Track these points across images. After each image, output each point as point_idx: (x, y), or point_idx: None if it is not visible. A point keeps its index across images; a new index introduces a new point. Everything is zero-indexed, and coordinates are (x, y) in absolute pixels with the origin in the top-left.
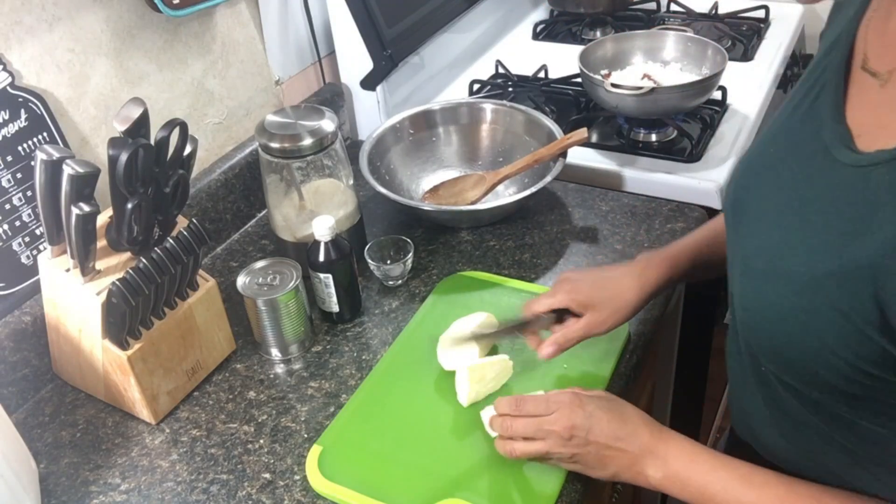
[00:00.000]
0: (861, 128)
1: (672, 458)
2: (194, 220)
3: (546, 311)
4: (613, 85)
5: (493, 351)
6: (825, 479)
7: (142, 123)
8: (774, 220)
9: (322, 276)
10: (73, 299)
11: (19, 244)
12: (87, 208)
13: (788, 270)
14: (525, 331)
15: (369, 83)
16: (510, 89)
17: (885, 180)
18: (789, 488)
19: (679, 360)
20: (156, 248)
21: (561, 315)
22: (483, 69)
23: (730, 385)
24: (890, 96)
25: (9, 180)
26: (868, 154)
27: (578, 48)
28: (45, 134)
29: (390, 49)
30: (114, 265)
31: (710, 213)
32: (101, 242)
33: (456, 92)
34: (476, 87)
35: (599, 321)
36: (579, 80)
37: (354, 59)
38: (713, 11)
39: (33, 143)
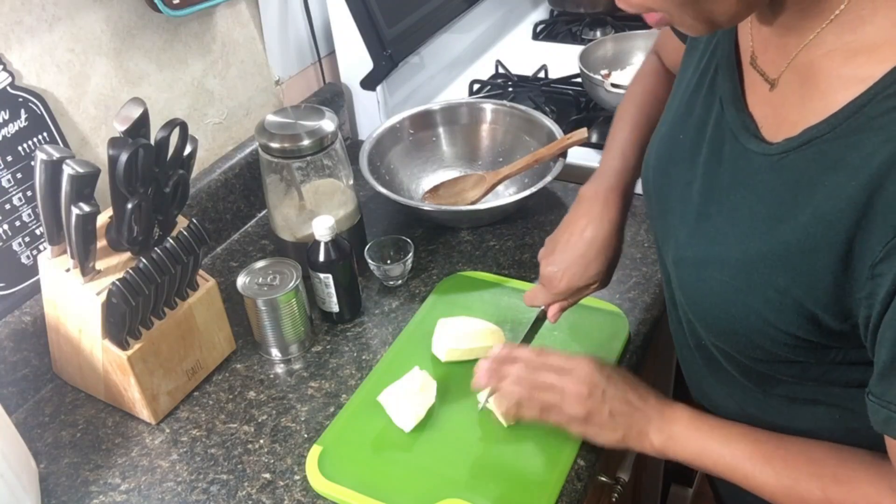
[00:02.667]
0: (762, 118)
1: (675, 422)
2: (194, 220)
3: (549, 303)
4: (613, 85)
5: None
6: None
7: (142, 123)
8: (699, 209)
9: (322, 276)
10: (73, 299)
11: (19, 244)
12: (87, 208)
13: (721, 256)
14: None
15: (369, 83)
16: (510, 89)
17: (795, 167)
18: (779, 441)
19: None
20: (156, 248)
21: None
22: (483, 69)
23: (678, 355)
24: (781, 97)
25: (9, 180)
26: (776, 144)
27: (578, 48)
28: (45, 134)
29: (390, 49)
30: (114, 265)
31: None
32: (101, 242)
33: (456, 92)
34: (476, 87)
35: (600, 286)
36: (579, 80)
37: (354, 59)
38: None
39: (33, 143)
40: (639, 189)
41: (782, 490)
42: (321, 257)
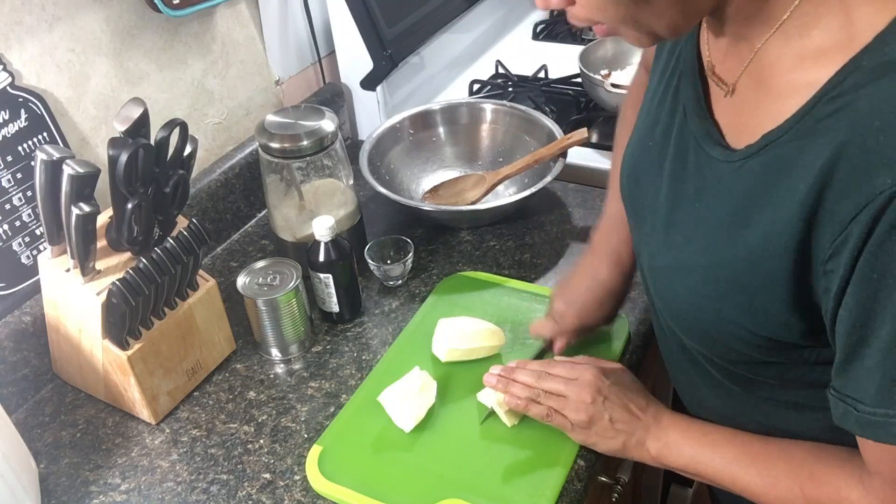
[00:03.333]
0: (725, 126)
1: (671, 428)
2: (194, 220)
3: (554, 336)
4: (613, 85)
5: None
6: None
7: (142, 123)
8: (668, 218)
9: (322, 276)
10: (73, 299)
11: (19, 244)
12: (87, 208)
13: (690, 264)
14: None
15: (369, 83)
16: (510, 89)
17: (755, 172)
18: (763, 444)
19: None
20: (156, 248)
21: None
22: (483, 69)
23: (665, 360)
24: (739, 103)
25: (9, 180)
26: (738, 151)
27: (578, 48)
28: (45, 134)
29: (390, 49)
30: (114, 265)
31: None
32: (101, 242)
33: (456, 92)
34: (476, 87)
35: (611, 322)
36: (579, 80)
37: (354, 59)
38: None
39: (33, 143)
40: None
41: (764, 490)
42: (321, 257)
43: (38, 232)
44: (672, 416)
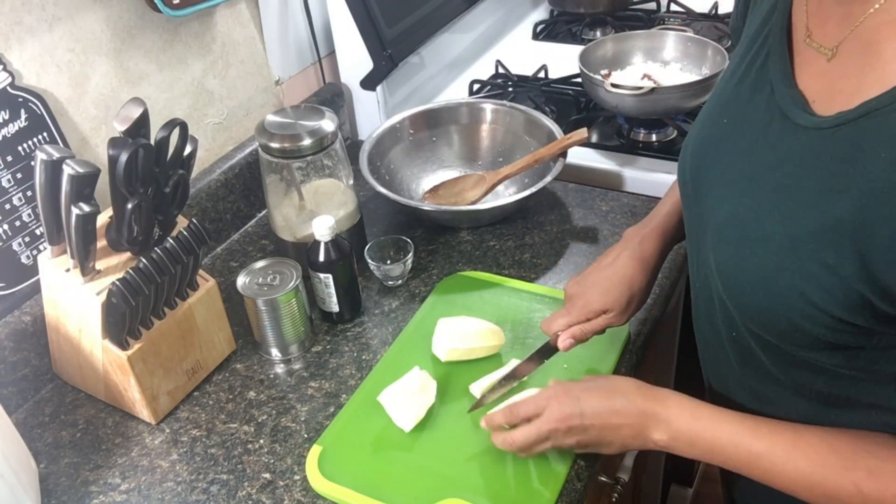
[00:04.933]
0: (814, 94)
1: (674, 418)
2: (194, 220)
3: (565, 328)
4: (613, 85)
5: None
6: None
7: (142, 123)
8: (742, 188)
9: (322, 276)
10: (73, 299)
11: (19, 244)
12: (87, 208)
13: (767, 234)
14: (549, 354)
15: (369, 83)
16: (510, 89)
17: (850, 140)
18: (797, 434)
19: (679, 360)
20: (156, 248)
21: None
22: (483, 69)
23: (701, 351)
24: (839, 67)
25: (9, 180)
26: (828, 117)
27: (578, 48)
28: (45, 134)
29: (390, 49)
30: (114, 265)
31: None
32: (101, 242)
33: (456, 92)
34: (476, 87)
35: (618, 318)
36: (579, 80)
37: (354, 59)
38: (713, 11)
39: (33, 143)
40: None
41: (808, 486)
42: (321, 257)
43: (38, 232)
44: (669, 402)
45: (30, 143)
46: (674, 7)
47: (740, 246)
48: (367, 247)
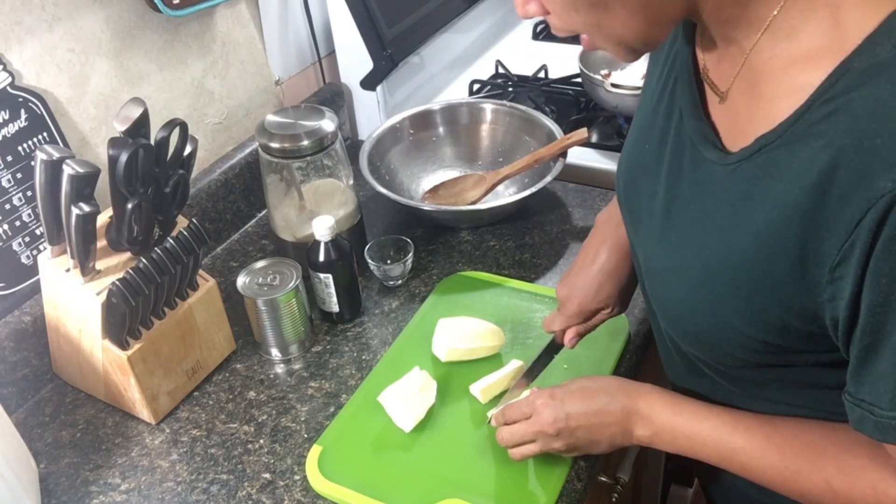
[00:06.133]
0: (722, 128)
1: (657, 414)
2: (194, 220)
3: (565, 328)
4: (613, 85)
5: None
6: None
7: (142, 123)
8: (663, 221)
9: (322, 276)
10: (73, 299)
11: (19, 244)
12: (87, 208)
13: (685, 267)
14: (556, 350)
15: (369, 83)
16: (510, 89)
17: (749, 175)
18: (773, 429)
19: None
20: (156, 248)
21: None
22: (483, 69)
23: (663, 361)
24: (731, 106)
25: (9, 180)
26: (732, 154)
27: (578, 48)
28: (45, 134)
29: (390, 49)
30: (114, 265)
31: None
32: (101, 242)
33: (456, 92)
34: (476, 87)
35: (615, 310)
36: (579, 80)
37: (354, 59)
38: None
39: (33, 143)
40: None
41: (783, 481)
42: (321, 257)
43: (38, 232)
44: (651, 398)
45: (30, 143)
46: None
47: (666, 278)
48: (367, 247)
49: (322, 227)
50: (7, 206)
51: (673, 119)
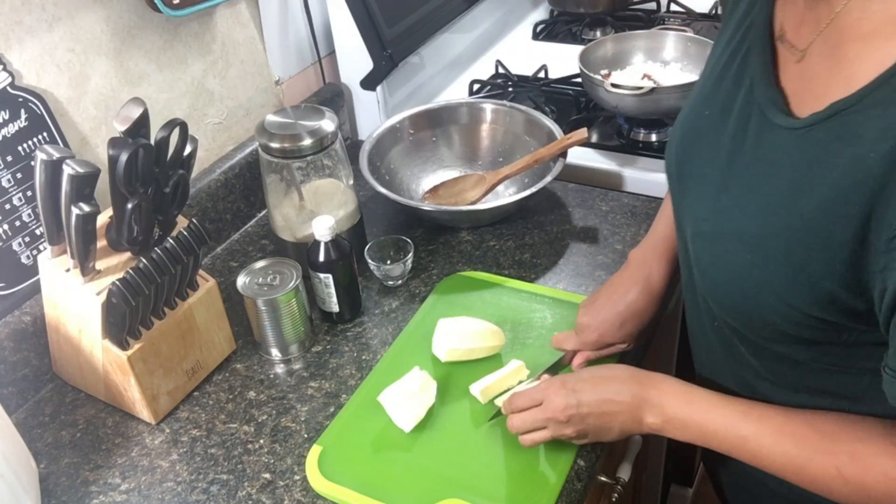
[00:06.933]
0: (792, 93)
1: (668, 402)
2: (194, 220)
3: (576, 351)
4: (613, 85)
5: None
6: None
7: (142, 123)
8: (720, 184)
9: (322, 276)
10: (73, 299)
11: (19, 244)
12: (87, 208)
13: (739, 231)
14: (560, 369)
15: (369, 83)
16: (510, 89)
17: (819, 140)
18: (785, 417)
19: (679, 359)
20: (156, 248)
21: None
22: (483, 69)
23: (690, 338)
24: (810, 69)
25: (9, 180)
26: (802, 118)
27: (578, 48)
28: (45, 134)
29: (390, 49)
30: (114, 265)
31: None
32: (101, 242)
33: (456, 92)
34: (476, 87)
35: (631, 346)
36: (579, 80)
37: (354, 59)
38: (713, 11)
39: (33, 143)
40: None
41: (794, 469)
42: (321, 257)
43: (38, 232)
44: (662, 386)
45: (30, 143)
46: (674, 7)
47: (715, 242)
48: (367, 247)
49: (322, 227)
50: (7, 206)
51: (742, 86)
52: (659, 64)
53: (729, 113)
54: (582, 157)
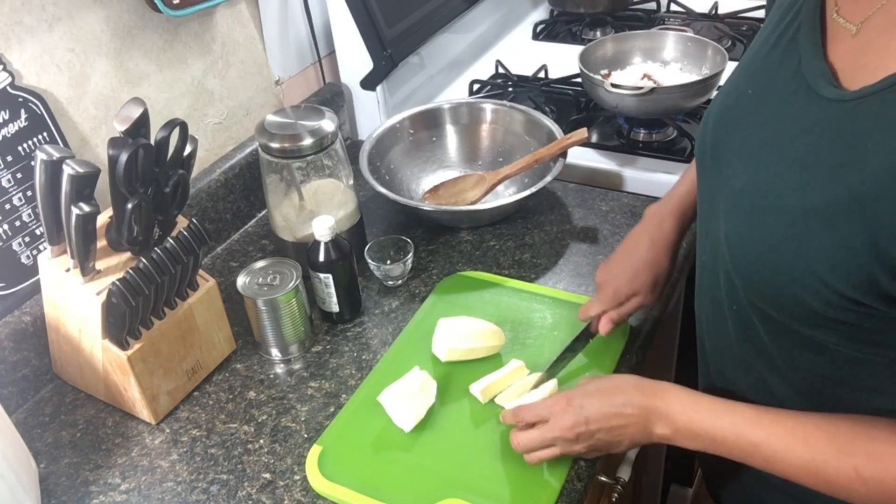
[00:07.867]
0: (841, 68)
1: (675, 412)
2: (194, 220)
3: (601, 313)
4: (613, 85)
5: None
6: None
7: (142, 123)
8: (760, 158)
9: (322, 276)
10: (73, 299)
11: (19, 244)
12: (87, 208)
13: (780, 204)
14: (589, 338)
15: (369, 83)
16: (510, 89)
17: (871, 112)
18: (796, 421)
19: (679, 359)
20: (156, 248)
21: None
22: (483, 69)
23: (700, 328)
24: (863, 43)
25: (9, 180)
26: (852, 91)
27: (578, 48)
28: (45, 134)
29: (390, 49)
30: (114, 265)
31: None
32: (101, 242)
33: (456, 92)
34: (476, 87)
35: (647, 298)
36: (579, 80)
37: (354, 59)
38: (713, 11)
39: (33, 143)
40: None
41: (808, 473)
42: (321, 257)
43: (38, 232)
44: (668, 397)
45: (30, 143)
46: (674, 7)
47: (753, 214)
48: (367, 247)
49: (322, 227)
50: (7, 206)
51: (791, 63)
52: (659, 64)
53: (773, 89)
54: (582, 157)
